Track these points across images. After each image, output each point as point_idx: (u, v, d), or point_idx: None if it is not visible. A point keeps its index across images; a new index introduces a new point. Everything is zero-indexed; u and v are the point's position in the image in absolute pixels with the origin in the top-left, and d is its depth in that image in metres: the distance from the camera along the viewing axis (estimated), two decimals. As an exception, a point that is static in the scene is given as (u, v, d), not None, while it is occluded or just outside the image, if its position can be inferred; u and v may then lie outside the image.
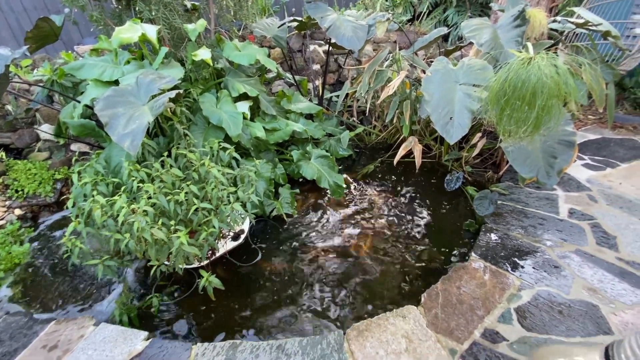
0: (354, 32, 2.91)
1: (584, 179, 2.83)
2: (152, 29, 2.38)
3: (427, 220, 2.65)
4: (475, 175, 3.09)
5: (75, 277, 2.27)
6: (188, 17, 2.95)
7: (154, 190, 1.78)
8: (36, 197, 2.96)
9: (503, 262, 2.07)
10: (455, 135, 2.18)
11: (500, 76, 1.78)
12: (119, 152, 2.20)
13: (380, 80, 3.24)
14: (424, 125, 3.40)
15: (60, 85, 2.67)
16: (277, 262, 2.31)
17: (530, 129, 1.76)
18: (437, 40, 3.24)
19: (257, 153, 2.86)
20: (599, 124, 3.87)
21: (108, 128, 1.76)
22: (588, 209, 2.47)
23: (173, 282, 2.16)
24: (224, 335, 1.85)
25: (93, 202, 1.76)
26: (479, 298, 1.84)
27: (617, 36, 2.53)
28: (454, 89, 2.34)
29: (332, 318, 1.93)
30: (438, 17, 5.41)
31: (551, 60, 1.70)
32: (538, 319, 1.71)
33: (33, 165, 3.08)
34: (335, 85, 4.62)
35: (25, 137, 3.25)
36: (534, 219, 2.41)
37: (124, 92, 1.97)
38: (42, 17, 2.57)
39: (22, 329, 1.79)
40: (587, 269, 1.98)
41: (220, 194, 1.93)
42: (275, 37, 3.47)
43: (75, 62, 2.41)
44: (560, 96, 1.69)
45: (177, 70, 2.41)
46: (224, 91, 2.74)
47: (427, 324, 1.71)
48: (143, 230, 1.65)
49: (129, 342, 1.67)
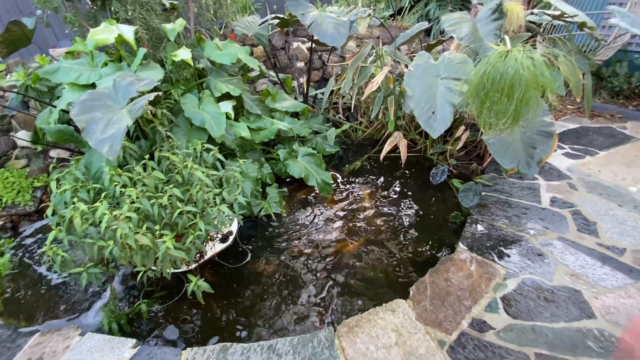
0: (335, 29, 2.91)
1: (565, 168, 2.90)
2: (129, 30, 2.32)
3: (414, 214, 2.68)
4: (460, 167, 3.14)
5: (59, 287, 2.22)
6: (166, 16, 2.88)
7: (136, 195, 1.74)
8: (15, 206, 2.87)
9: (489, 252, 2.10)
10: (438, 129, 2.20)
11: (479, 70, 1.81)
12: (99, 157, 2.14)
13: (364, 76, 3.25)
14: (409, 120, 3.43)
15: (36, 90, 2.59)
16: (267, 263, 2.30)
17: (510, 120, 1.80)
18: (419, 35, 3.26)
19: (242, 153, 2.83)
20: (577, 114, 3.97)
21: (85, 133, 1.71)
22: (569, 197, 2.54)
23: (161, 288, 2.12)
24: (214, 339, 1.84)
25: (73, 209, 1.71)
26: (466, 289, 1.87)
27: (592, 27, 2.58)
28: (435, 83, 2.36)
29: (322, 315, 1.93)
30: (420, 12, 5.45)
31: (527, 52, 1.73)
32: (523, 307, 1.75)
33: (11, 174, 2.98)
34: (320, 82, 4.60)
35: (1, 145, 3.14)
36: (517, 208, 2.46)
37: (101, 96, 1.92)
38: (13, 20, 2.48)
39: (5, 342, 1.74)
40: (569, 255, 2.04)
41: (206, 197, 1.90)
42: (256, 35, 3.43)
43: (50, 66, 2.33)
44: (538, 88, 1.72)
45: (157, 71, 2.36)
46: (206, 91, 2.70)
47: (416, 317, 1.73)
48: (126, 237, 1.61)
49: (116, 350, 1.64)
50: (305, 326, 1.88)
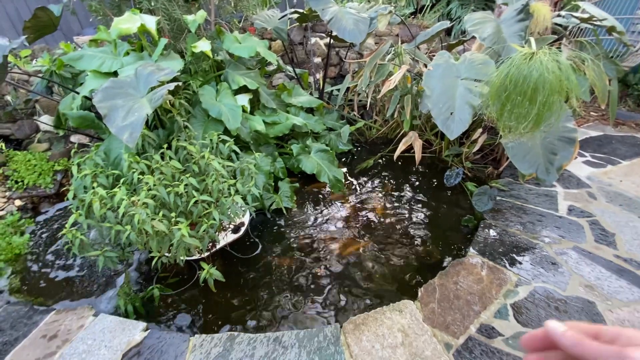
0: (355, 25, 2.88)
1: (584, 176, 2.82)
2: (151, 20, 2.36)
3: (426, 215, 2.65)
4: (475, 171, 3.09)
5: (75, 268, 2.29)
6: (188, 8, 2.91)
7: (153, 182, 1.78)
8: (36, 188, 2.96)
9: (501, 258, 2.07)
10: (455, 131, 2.17)
11: (502, 71, 1.77)
12: (118, 144, 2.19)
13: (381, 74, 3.22)
14: (425, 120, 3.38)
15: (60, 76, 2.66)
16: (276, 255, 2.32)
17: (531, 125, 1.75)
18: (440, 34, 3.21)
19: (256, 146, 2.85)
20: (601, 121, 3.85)
21: (107, 120, 1.75)
22: (587, 206, 2.47)
23: (174, 274, 2.17)
24: (222, 327, 1.87)
25: (93, 194, 1.76)
26: (476, 293, 1.84)
27: (621, 32, 2.49)
28: (455, 83, 2.32)
29: (329, 310, 1.94)
30: (441, 11, 5.35)
31: (553, 55, 1.68)
32: (534, 315, 1.72)
33: (33, 157, 3.08)
34: (337, 79, 4.59)
35: (25, 128, 3.25)
36: (533, 215, 2.41)
37: (122, 84, 1.96)
38: (40, 7, 2.54)
39: (22, 318, 1.81)
40: (585, 266, 1.99)
41: (221, 187, 1.93)
42: (276, 29, 3.44)
43: (74, 53, 2.39)
44: (562, 92, 1.67)
45: (177, 62, 2.39)
46: (224, 84, 2.73)
47: (424, 319, 1.72)
48: (143, 223, 1.65)
49: (127, 332, 1.69)
50: (311, 320, 1.89)
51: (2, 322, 1.79)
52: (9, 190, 2.88)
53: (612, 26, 2.47)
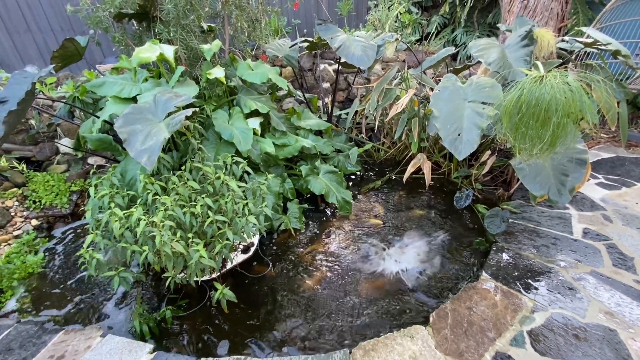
0: (363, 51, 2.99)
1: (598, 198, 2.77)
2: (169, 49, 2.50)
3: (436, 237, 2.62)
4: (486, 192, 3.06)
5: (85, 287, 2.31)
6: (204, 37, 3.08)
7: (170, 203, 1.81)
8: (52, 208, 3.05)
9: (515, 282, 2.01)
10: (463, 152, 2.18)
11: (514, 94, 1.79)
12: (134, 166, 2.26)
13: (388, 98, 3.29)
14: (433, 142, 3.41)
15: (82, 101, 2.80)
16: (284, 276, 2.30)
17: (546, 146, 1.75)
18: (446, 59, 3.29)
19: (266, 168, 2.90)
20: (612, 143, 3.81)
21: (127, 144, 1.82)
22: (603, 229, 2.40)
23: (183, 295, 2.16)
24: (228, 348, 1.84)
25: (111, 214, 1.80)
26: (490, 319, 1.78)
27: (627, 55, 2.52)
28: (462, 105, 2.36)
29: (337, 335, 1.89)
30: (446, 37, 5.51)
31: (563, 78, 1.71)
32: (552, 343, 1.64)
33: (51, 177, 3.19)
34: (345, 103, 4.70)
35: (45, 150, 3.39)
36: (546, 238, 2.36)
37: (142, 110, 2.05)
38: (68, 38, 2.72)
39: (31, 338, 1.81)
40: (604, 291, 1.91)
41: (236, 207, 1.95)
42: (286, 56, 3.58)
43: (97, 80, 2.53)
44: (575, 114, 1.68)
45: (192, 88, 2.50)
46: (236, 108, 2.82)
47: (436, 345, 1.66)
48: (164, 244, 1.67)
49: (134, 354, 1.68)
50: (319, 344, 1.85)
51: (12, 341, 1.79)
52: (26, 210, 2.97)
53: (617, 50, 2.50)
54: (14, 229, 2.80)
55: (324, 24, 3.27)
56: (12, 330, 1.86)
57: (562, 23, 3.66)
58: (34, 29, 4.21)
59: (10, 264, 2.42)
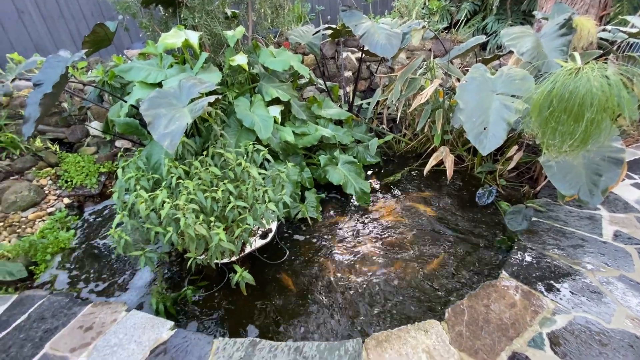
0: (387, 40, 2.91)
1: (633, 200, 2.61)
2: (194, 35, 2.52)
3: (455, 233, 2.56)
4: (510, 189, 2.95)
5: (111, 263, 2.43)
6: (228, 24, 3.09)
7: (192, 187, 1.86)
8: (83, 187, 3.20)
9: (536, 282, 1.95)
10: (488, 146, 2.10)
11: (546, 87, 1.70)
12: (159, 150, 2.33)
13: (412, 88, 3.20)
14: (457, 135, 3.31)
15: (110, 85, 2.89)
16: (301, 263, 2.33)
17: (577, 143, 1.66)
18: (475, 49, 3.16)
19: (285, 156, 2.91)
20: (653, 141, 3.56)
21: (150, 127, 1.87)
22: (636, 232, 2.27)
23: (203, 277, 2.24)
24: (246, 330, 1.90)
25: (137, 196, 1.87)
26: (508, 318, 1.74)
27: (677, 47, 2.33)
28: (490, 98, 2.26)
29: (351, 324, 1.91)
30: (476, 25, 5.26)
31: (602, 70, 1.60)
32: (574, 347, 1.59)
33: (82, 159, 3.34)
34: (367, 92, 4.61)
35: (77, 133, 3.54)
36: (573, 239, 2.26)
37: (167, 94, 2.10)
38: (99, 23, 2.80)
39: (63, 308, 1.94)
40: (632, 297, 1.82)
41: (256, 194, 1.99)
42: (309, 44, 3.54)
43: (125, 65, 2.60)
44: (612, 109, 1.58)
45: (216, 74, 2.53)
46: (258, 95, 2.83)
47: (450, 341, 1.65)
48: (188, 227, 1.73)
49: (156, 329, 1.76)
50: (333, 332, 1.87)
51: (45, 310, 1.92)
52: (59, 188, 3.13)
53: (666, 41, 2.31)
54: (47, 206, 2.97)
55: (349, 10, 3.20)
56: (45, 300, 1.99)
57: (605, 11, 3.41)
58: (67, 16, 4.36)
59: (44, 239, 2.57)
